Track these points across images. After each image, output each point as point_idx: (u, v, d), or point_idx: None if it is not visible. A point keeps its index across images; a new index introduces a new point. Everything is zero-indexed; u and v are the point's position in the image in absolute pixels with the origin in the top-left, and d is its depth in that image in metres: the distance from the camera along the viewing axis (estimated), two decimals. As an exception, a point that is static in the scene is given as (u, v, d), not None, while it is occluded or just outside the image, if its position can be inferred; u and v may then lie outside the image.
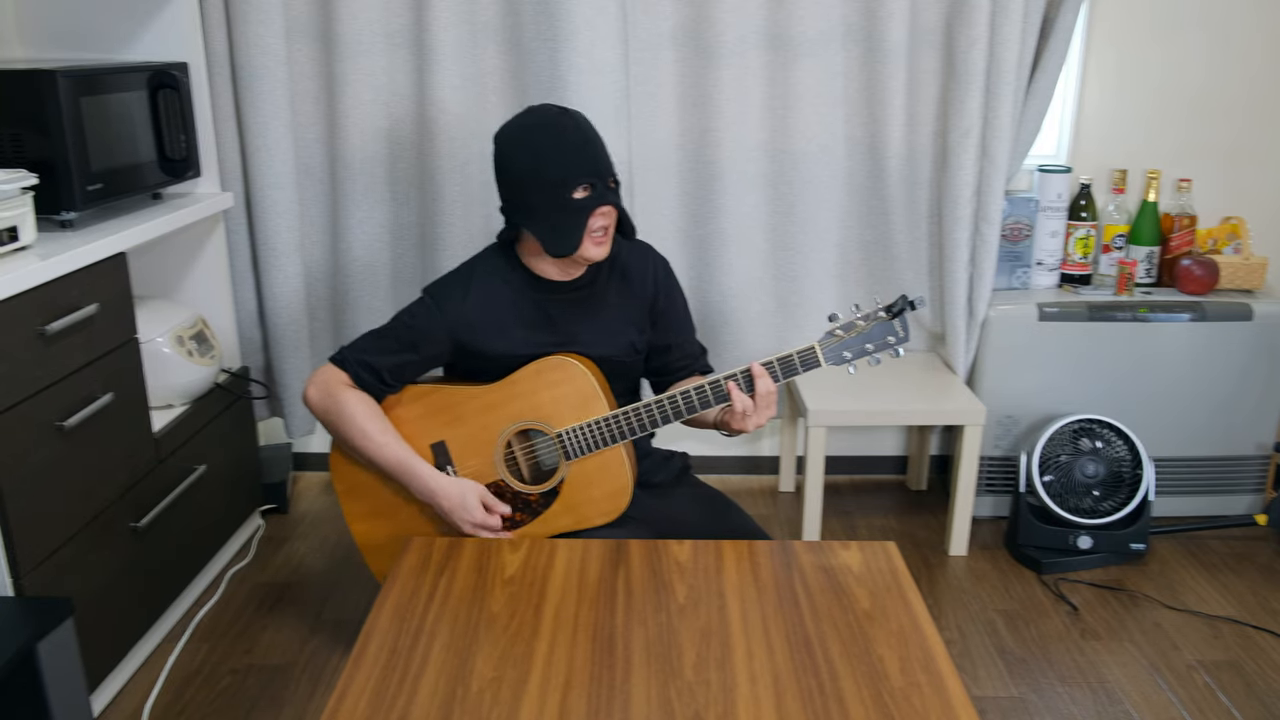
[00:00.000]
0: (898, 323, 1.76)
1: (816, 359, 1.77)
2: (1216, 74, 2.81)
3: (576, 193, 1.76)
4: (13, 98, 1.98)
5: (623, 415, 1.80)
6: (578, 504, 1.86)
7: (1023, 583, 2.57)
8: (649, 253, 1.97)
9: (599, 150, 1.78)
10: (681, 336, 2.00)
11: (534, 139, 1.77)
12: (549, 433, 1.83)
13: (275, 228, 2.69)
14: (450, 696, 1.33)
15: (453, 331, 1.85)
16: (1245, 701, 2.11)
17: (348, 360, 1.85)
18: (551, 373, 1.82)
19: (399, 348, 1.85)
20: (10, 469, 1.74)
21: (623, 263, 1.94)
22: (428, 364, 1.88)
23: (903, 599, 1.55)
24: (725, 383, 1.77)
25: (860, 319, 1.77)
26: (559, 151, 1.75)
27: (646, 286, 1.94)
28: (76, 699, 1.63)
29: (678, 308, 2.00)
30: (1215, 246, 2.82)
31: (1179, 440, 2.79)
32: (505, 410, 1.84)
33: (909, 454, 3.13)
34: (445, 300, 1.86)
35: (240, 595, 2.50)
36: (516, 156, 1.79)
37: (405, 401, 1.88)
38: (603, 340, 1.90)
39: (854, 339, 1.77)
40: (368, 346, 1.86)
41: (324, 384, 1.85)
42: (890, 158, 2.70)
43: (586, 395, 1.81)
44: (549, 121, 1.78)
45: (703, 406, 1.81)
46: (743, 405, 1.77)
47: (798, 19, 2.59)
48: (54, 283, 1.85)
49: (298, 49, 2.65)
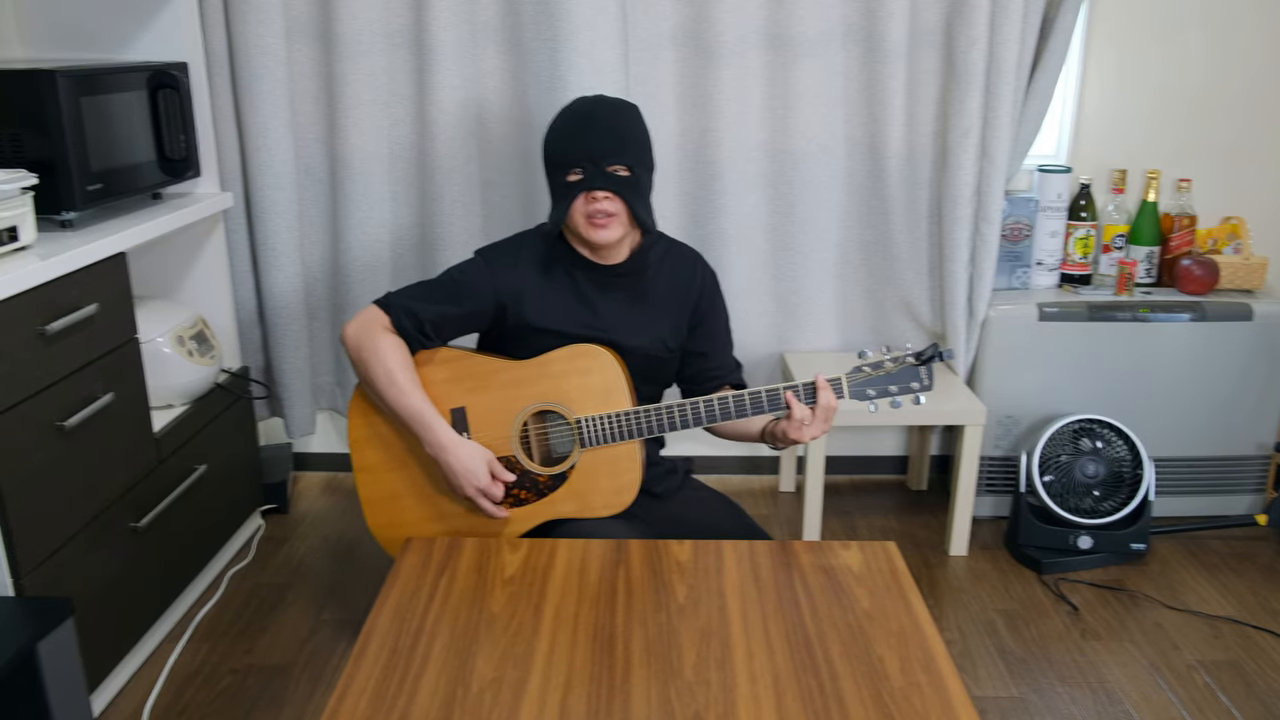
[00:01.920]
0: (924, 370, 1.79)
1: (841, 392, 1.80)
2: (1216, 74, 2.81)
3: (570, 175, 1.81)
4: (13, 98, 1.98)
5: (644, 412, 1.82)
6: (584, 492, 1.87)
7: (1023, 583, 2.57)
8: (699, 260, 2.01)
9: (600, 137, 1.79)
10: (719, 346, 2.02)
11: (554, 122, 1.86)
12: (568, 417, 1.84)
13: (275, 228, 2.69)
14: (450, 696, 1.33)
15: (498, 292, 1.87)
16: (1245, 701, 2.11)
17: (393, 304, 1.86)
18: (583, 359, 1.84)
19: (444, 299, 1.87)
20: (10, 469, 1.74)
21: (670, 262, 1.97)
22: (469, 321, 1.89)
23: (903, 599, 1.55)
24: (785, 393, 1.79)
25: (889, 360, 1.80)
26: (560, 134, 1.83)
27: (692, 290, 1.97)
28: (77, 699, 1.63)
29: (719, 318, 2.02)
30: (1215, 246, 2.82)
31: (1179, 440, 2.79)
32: (530, 388, 1.86)
33: (909, 454, 3.13)
34: (496, 261, 1.89)
35: (240, 595, 2.50)
36: (547, 135, 1.88)
37: (435, 362, 1.89)
38: (638, 330, 1.92)
39: (879, 378, 1.80)
40: (415, 294, 1.88)
41: (365, 323, 1.86)
42: (890, 158, 2.70)
43: (612, 387, 1.83)
44: (570, 107, 1.86)
45: (739, 415, 1.82)
46: (801, 414, 1.79)
47: (798, 19, 2.60)
48: (54, 283, 1.85)
49: (298, 49, 2.65)
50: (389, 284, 2.84)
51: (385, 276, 2.83)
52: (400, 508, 1.93)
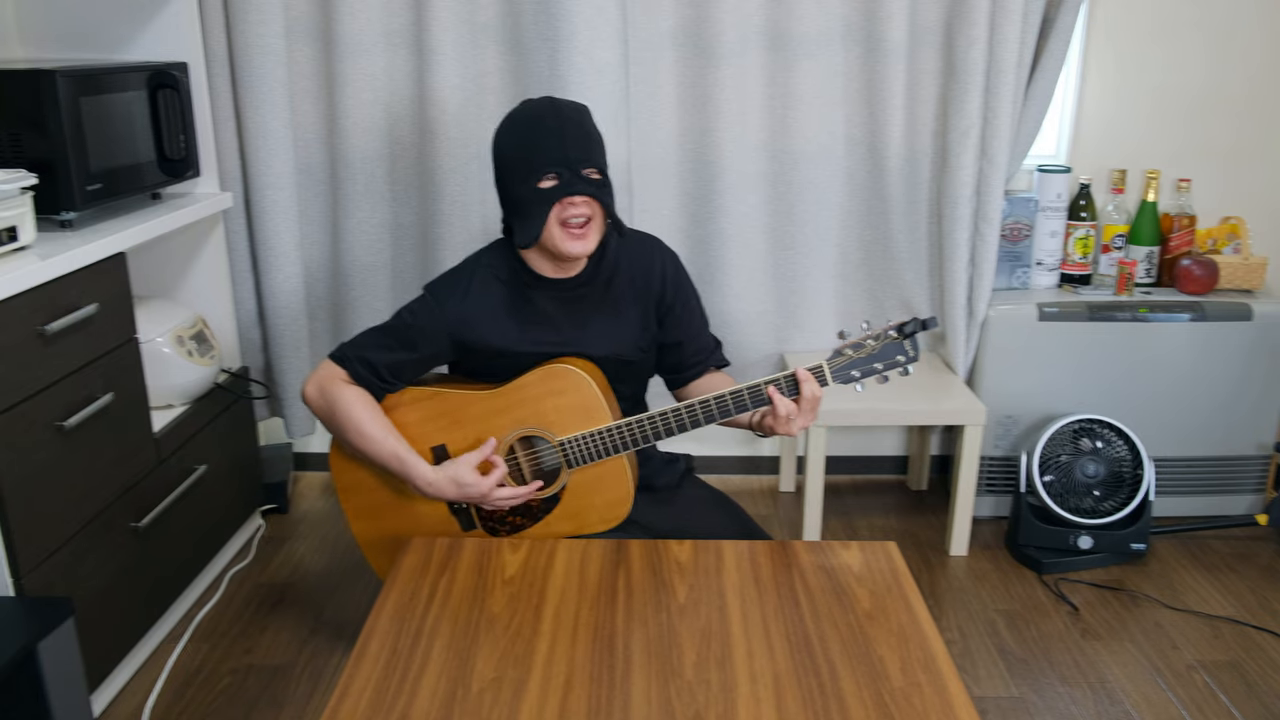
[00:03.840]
0: (909, 343, 1.73)
1: (824, 378, 1.75)
2: (1216, 74, 2.81)
3: (543, 181, 1.74)
4: (13, 98, 1.98)
5: (625, 426, 1.79)
6: (578, 511, 1.86)
7: (1023, 583, 2.57)
8: (656, 246, 1.94)
9: (574, 140, 1.74)
10: (693, 331, 1.97)
11: (514, 127, 1.78)
12: (551, 440, 1.83)
13: (275, 228, 2.69)
14: (450, 696, 1.33)
15: (453, 331, 1.84)
16: (1245, 701, 2.11)
17: (347, 357, 1.85)
18: (555, 380, 1.81)
19: (398, 345, 1.84)
20: (10, 469, 1.74)
21: (627, 259, 1.91)
22: (427, 363, 1.87)
23: (903, 599, 1.55)
24: (766, 388, 1.75)
25: (870, 338, 1.74)
26: (529, 138, 1.75)
27: (653, 282, 1.91)
28: (77, 699, 1.63)
29: (689, 302, 1.96)
30: (1215, 246, 2.82)
31: (1179, 440, 2.79)
32: (507, 416, 1.83)
33: (909, 454, 3.13)
34: (446, 298, 1.85)
35: (240, 595, 2.50)
36: (498, 144, 1.80)
37: (406, 404, 1.88)
38: (607, 339, 1.88)
39: (863, 359, 1.75)
40: (367, 343, 1.85)
41: (322, 380, 1.85)
42: (890, 158, 2.70)
43: (590, 405, 1.80)
44: (530, 110, 1.78)
45: (723, 416, 1.79)
46: (786, 409, 1.74)
47: (798, 19, 2.60)
48: (54, 283, 1.85)
49: (298, 49, 2.65)
50: (389, 283, 2.84)
51: (385, 276, 2.83)
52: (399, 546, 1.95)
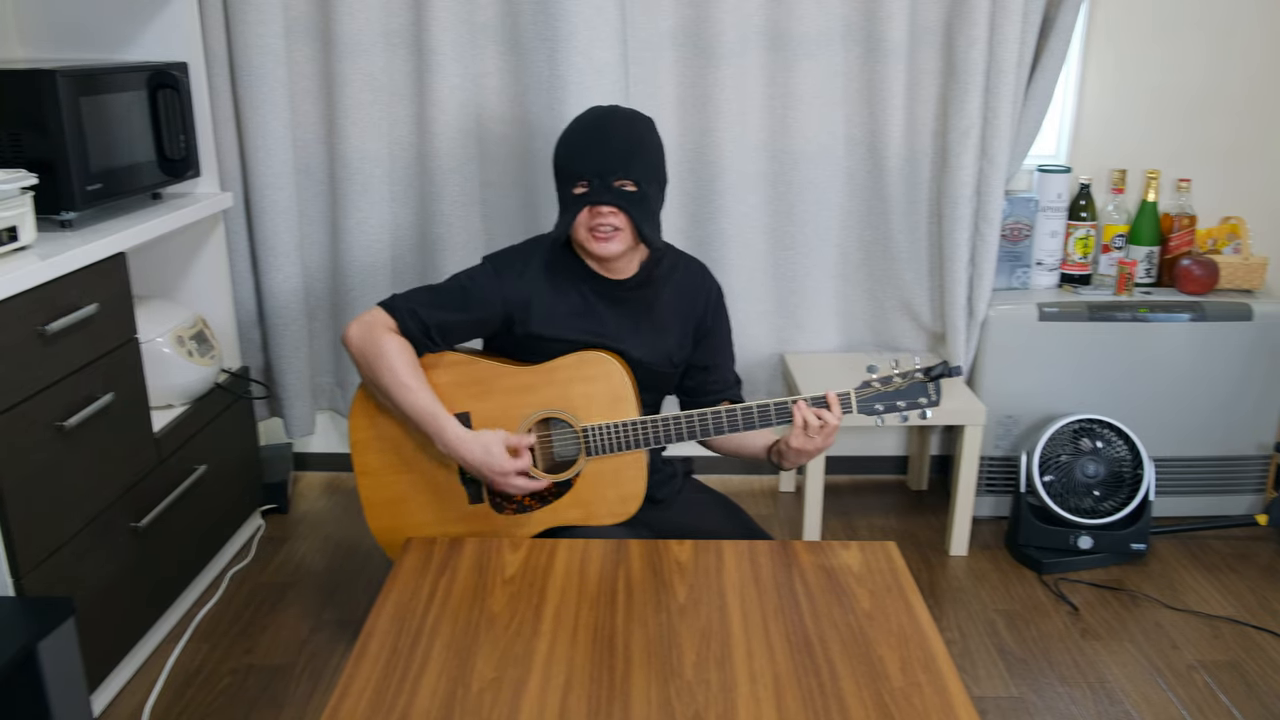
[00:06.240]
0: (933, 386, 1.78)
1: (850, 407, 1.79)
2: (1216, 74, 2.81)
3: (576, 188, 1.79)
4: (13, 97, 1.98)
5: (651, 422, 1.80)
6: (589, 500, 1.86)
7: (1023, 583, 2.57)
8: (706, 274, 2.00)
9: (614, 151, 1.77)
10: (721, 360, 2.02)
11: (568, 130, 1.84)
12: (574, 425, 1.83)
13: (274, 228, 2.69)
14: (450, 696, 1.33)
15: (507, 302, 1.85)
16: (1245, 701, 2.11)
17: (398, 307, 1.84)
18: (590, 367, 1.82)
19: (451, 306, 1.85)
20: (10, 469, 1.74)
21: (679, 276, 1.95)
22: (475, 329, 1.88)
23: (903, 599, 1.55)
24: (793, 404, 1.77)
25: (898, 375, 1.79)
26: (572, 143, 1.81)
27: (698, 304, 1.96)
28: (77, 699, 1.63)
29: (723, 333, 2.02)
30: (1215, 246, 2.82)
31: (1179, 440, 2.79)
32: (536, 395, 1.84)
33: (909, 454, 3.13)
34: (505, 270, 1.87)
35: (240, 595, 2.50)
36: (557, 143, 1.86)
37: (440, 366, 1.87)
38: (645, 345, 1.90)
39: (889, 394, 1.80)
40: (420, 299, 1.85)
41: (369, 323, 1.83)
42: (890, 158, 2.70)
43: (619, 395, 1.82)
44: (585, 116, 1.83)
45: (747, 426, 1.80)
46: (811, 420, 1.77)
47: (797, 19, 2.60)
48: (54, 283, 1.85)
49: (297, 49, 2.65)
50: (389, 284, 2.84)
51: (385, 276, 2.83)
52: (404, 511, 1.93)
